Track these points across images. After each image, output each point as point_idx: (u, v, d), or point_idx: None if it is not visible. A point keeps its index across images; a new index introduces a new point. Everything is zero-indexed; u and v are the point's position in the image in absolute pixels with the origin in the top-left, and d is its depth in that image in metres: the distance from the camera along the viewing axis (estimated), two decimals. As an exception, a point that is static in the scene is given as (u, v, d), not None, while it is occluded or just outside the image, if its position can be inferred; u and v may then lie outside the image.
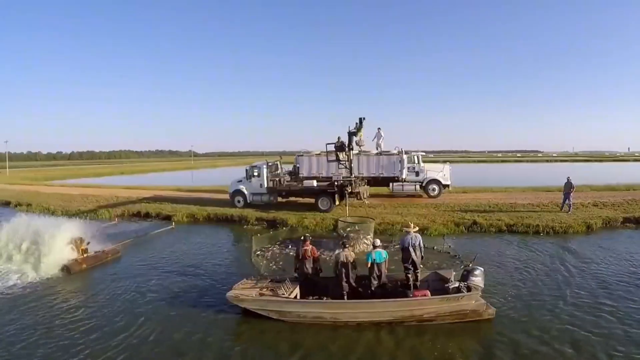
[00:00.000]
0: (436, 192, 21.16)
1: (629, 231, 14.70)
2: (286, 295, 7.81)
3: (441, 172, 21.31)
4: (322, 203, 18.45)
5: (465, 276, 7.77)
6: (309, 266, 8.48)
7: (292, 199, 20.37)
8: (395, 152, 21.48)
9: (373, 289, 7.97)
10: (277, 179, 19.95)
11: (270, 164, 20.21)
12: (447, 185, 21.38)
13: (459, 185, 27.06)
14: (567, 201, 16.64)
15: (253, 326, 7.59)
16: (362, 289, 8.12)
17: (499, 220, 15.36)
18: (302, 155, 22.53)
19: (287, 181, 20.17)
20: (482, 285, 7.70)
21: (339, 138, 20.34)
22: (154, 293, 9.51)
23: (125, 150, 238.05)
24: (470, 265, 8.27)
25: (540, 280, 9.65)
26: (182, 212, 19.32)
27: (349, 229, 13.32)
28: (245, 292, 8.02)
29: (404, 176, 21.27)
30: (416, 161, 21.44)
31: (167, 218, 18.88)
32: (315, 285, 8.43)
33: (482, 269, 8.03)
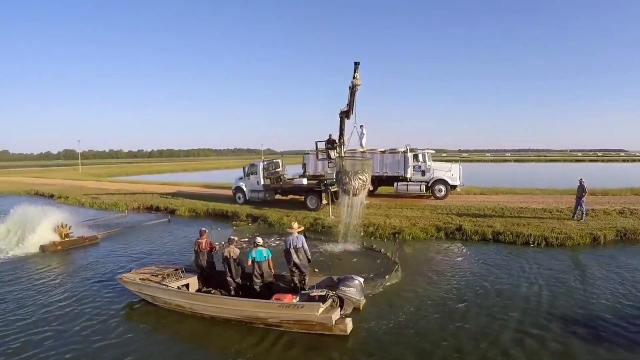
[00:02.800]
0: (443, 193, 19.55)
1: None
2: (172, 283, 8.22)
3: (448, 171, 19.60)
4: (311, 202, 18.21)
5: (336, 285, 7.18)
6: (202, 258, 8.65)
7: (291, 197, 20.43)
8: (401, 149, 20.32)
9: (255, 287, 7.87)
10: (274, 177, 20.14)
11: (267, 162, 20.47)
12: (455, 186, 19.59)
13: (484, 186, 24.95)
14: (579, 207, 14.24)
15: (142, 308, 8.27)
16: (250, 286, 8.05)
17: (490, 226, 13.67)
18: (308, 154, 22.39)
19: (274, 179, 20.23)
20: (357, 297, 7.08)
21: (330, 135, 19.99)
22: (99, 274, 10.53)
23: (204, 148, 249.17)
24: (386, 274, 7.56)
25: (449, 306, 7.97)
26: (186, 207, 20.51)
27: (345, 163, 13.07)
28: (134, 276, 8.59)
29: (408, 175, 20.05)
30: (421, 159, 20.00)
31: (173, 212, 20.20)
32: (212, 277, 8.65)
33: (361, 280, 7.36)
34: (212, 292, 8.51)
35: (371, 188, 21.36)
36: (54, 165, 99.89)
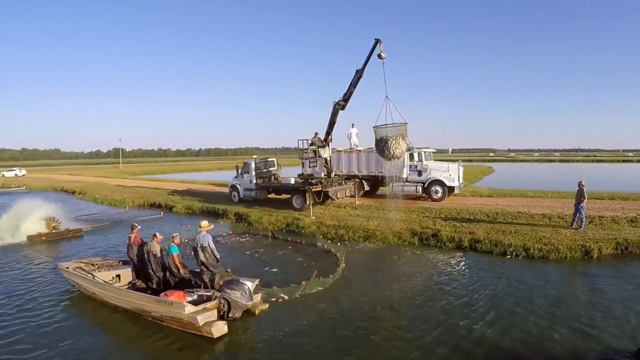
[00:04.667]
0: (439, 195, 18.25)
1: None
2: (100, 273, 8.71)
3: (445, 172, 18.23)
4: (297, 201, 17.84)
5: (221, 287, 7.13)
6: (133, 252, 8.90)
7: (285, 196, 20.19)
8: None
9: (170, 280, 8.15)
10: (266, 176, 20.00)
11: (259, 161, 20.37)
12: (453, 188, 18.17)
13: (502, 187, 23.12)
14: (577, 214, 12.52)
15: (75, 296, 8.94)
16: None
17: (471, 233, 12.45)
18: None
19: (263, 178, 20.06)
20: (242, 301, 6.92)
21: (316, 134, 19.49)
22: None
23: (252, 147, 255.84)
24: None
25: (369, 318, 7.39)
26: (184, 204, 21.04)
27: (383, 130, 13.28)
28: (71, 265, 9.23)
29: (404, 175, 18.98)
30: (417, 159, 18.82)
31: (171, 208, 20.84)
32: (142, 270, 8.82)
33: (252, 284, 7.11)
34: (137, 283, 8.82)
35: (367, 188, 20.62)
36: (99, 163, 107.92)
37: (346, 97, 18.60)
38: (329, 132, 19.55)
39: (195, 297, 7.16)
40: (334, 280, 9.22)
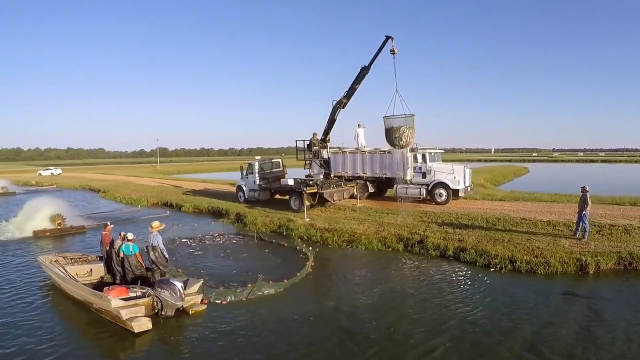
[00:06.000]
0: (443, 198, 17.33)
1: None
2: (70, 267, 9.33)
3: (450, 173, 17.26)
4: (294, 203, 17.70)
5: (155, 286, 7.46)
6: (103, 249, 9.50)
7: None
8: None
9: (127, 277, 8.56)
10: (268, 177, 20.06)
11: (262, 162, 20.47)
12: (457, 191, 17.16)
13: (522, 190, 21.76)
14: (580, 223, 11.32)
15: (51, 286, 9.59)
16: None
17: (460, 241, 11.67)
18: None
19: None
20: (171, 300, 7.17)
21: (314, 134, 19.25)
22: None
23: (293, 147, 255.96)
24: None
25: (311, 327, 7.21)
26: (192, 204, 21.66)
27: (393, 122, 14.73)
28: (50, 258, 9.92)
29: (408, 177, 18.25)
30: (421, 160, 17.99)
31: (180, 208, 21.56)
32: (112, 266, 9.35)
33: (180, 285, 7.32)
34: (105, 278, 9.33)
35: (372, 190, 20.05)
36: (142, 162, 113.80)
37: (349, 94, 18.26)
38: (327, 132, 19.29)
39: (138, 293, 7.51)
40: (292, 284, 9.10)
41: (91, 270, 9.62)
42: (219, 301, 8.06)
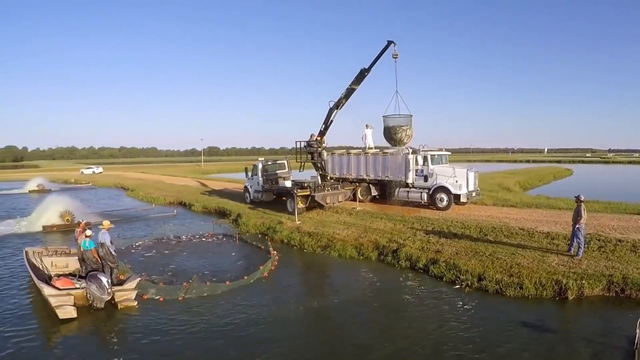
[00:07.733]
0: (444, 204, 16.20)
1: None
2: (47, 259, 10.14)
3: (452, 177, 16.09)
4: (290, 205, 17.54)
5: (86, 279, 8.22)
6: (77, 245, 9.97)
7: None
8: (406, 150, 17.68)
9: (85, 270, 9.12)
10: (271, 178, 20.11)
11: (265, 163, 20.55)
12: (459, 196, 15.93)
13: (547, 194, 19.86)
14: (575, 238, 9.91)
15: None
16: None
17: (437, 252, 10.79)
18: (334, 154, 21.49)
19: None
20: (97, 294, 7.93)
21: (311, 135, 18.92)
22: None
23: (336, 146, 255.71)
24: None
25: (235, 331, 7.22)
26: (202, 203, 22.37)
27: (392, 121, 16.60)
28: (35, 250, 10.74)
29: (410, 180, 17.36)
30: (422, 162, 16.99)
31: (191, 207, 22.42)
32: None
33: (104, 280, 7.97)
34: (75, 272, 9.82)
35: (375, 193, 19.32)
36: (192, 161, 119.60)
37: (347, 95, 17.79)
38: (323, 133, 18.91)
39: (78, 285, 8.21)
40: (238, 286, 9.20)
41: (68, 263, 10.25)
42: (157, 297, 8.55)
